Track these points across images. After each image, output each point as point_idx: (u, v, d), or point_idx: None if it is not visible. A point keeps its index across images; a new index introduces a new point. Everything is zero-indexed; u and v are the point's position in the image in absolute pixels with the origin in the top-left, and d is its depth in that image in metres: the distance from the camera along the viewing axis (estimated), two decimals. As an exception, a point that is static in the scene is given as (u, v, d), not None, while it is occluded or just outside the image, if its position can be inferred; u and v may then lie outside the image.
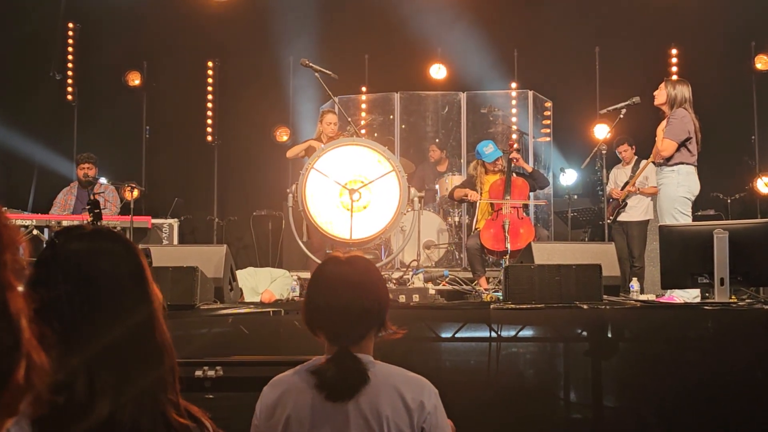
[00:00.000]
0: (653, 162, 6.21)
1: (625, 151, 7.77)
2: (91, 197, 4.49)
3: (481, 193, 7.09)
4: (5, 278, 0.69)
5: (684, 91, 5.61)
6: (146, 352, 1.32)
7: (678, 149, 5.51)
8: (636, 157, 7.74)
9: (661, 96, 5.69)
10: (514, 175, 7.08)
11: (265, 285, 5.92)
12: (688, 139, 5.51)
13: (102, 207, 6.63)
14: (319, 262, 6.14)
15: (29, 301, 0.71)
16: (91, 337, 1.27)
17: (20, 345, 0.70)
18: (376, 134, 9.55)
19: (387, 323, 1.98)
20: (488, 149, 7.06)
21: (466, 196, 7.12)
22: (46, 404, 0.75)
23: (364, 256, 2.12)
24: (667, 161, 5.57)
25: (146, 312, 1.35)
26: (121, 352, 1.29)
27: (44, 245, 1.54)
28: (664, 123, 5.64)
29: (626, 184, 7.47)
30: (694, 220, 5.80)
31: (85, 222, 3.59)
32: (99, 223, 3.54)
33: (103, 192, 7.55)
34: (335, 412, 1.87)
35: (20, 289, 0.71)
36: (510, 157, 7.06)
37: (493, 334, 4.14)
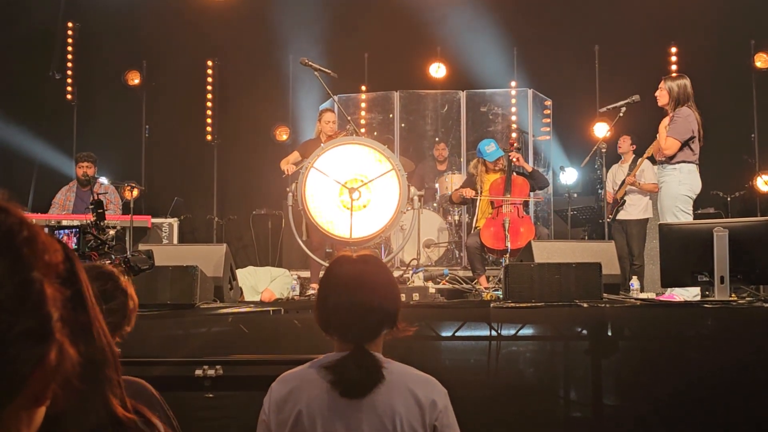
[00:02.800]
0: (648, 158, 6.21)
1: (624, 142, 7.76)
2: (94, 197, 4.49)
3: (481, 192, 7.07)
4: (43, 274, 0.74)
5: (685, 85, 5.60)
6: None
7: (681, 148, 5.51)
8: (634, 155, 7.74)
9: (663, 96, 5.67)
10: (515, 174, 7.08)
11: (264, 284, 5.93)
12: (692, 137, 5.51)
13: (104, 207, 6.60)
14: (318, 260, 6.19)
15: (62, 293, 0.77)
16: None
17: (52, 332, 0.73)
18: (375, 133, 9.55)
19: (399, 321, 1.99)
20: (490, 148, 7.06)
21: (465, 195, 7.11)
22: (75, 394, 0.79)
23: (375, 255, 2.12)
24: (670, 159, 5.56)
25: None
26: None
27: None
28: (666, 120, 5.63)
29: (623, 182, 7.47)
30: (694, 219, 5.80)
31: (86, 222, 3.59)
32: (102, 223, 3.53)
33: (104, 193, 7.55)
34: (349, 408, 1.87)
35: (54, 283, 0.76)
36: (510, 156, 7.05)
37: (493, 333, 4.14)
